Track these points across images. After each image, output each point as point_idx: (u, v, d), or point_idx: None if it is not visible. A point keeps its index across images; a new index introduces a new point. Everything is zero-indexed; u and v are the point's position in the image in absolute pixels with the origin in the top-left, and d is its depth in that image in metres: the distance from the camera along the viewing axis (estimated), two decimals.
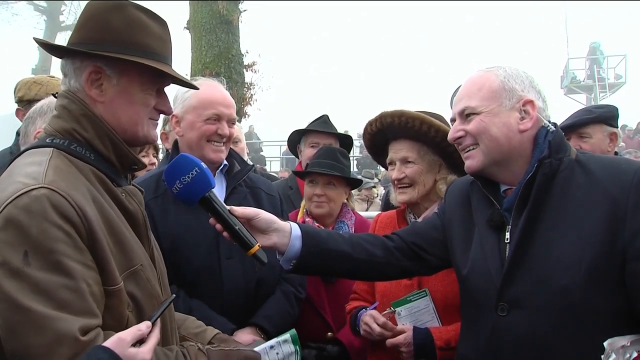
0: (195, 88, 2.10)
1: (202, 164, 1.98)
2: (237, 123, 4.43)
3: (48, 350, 1.43)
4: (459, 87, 2.22)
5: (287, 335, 2.26)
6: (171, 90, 2.90)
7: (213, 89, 2.85)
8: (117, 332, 1.59)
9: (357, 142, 18.52)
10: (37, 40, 1.86)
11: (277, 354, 2.19)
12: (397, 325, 2.60)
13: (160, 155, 4.89)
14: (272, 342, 2.23)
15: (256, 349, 2.10)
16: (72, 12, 32.61)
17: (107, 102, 1.78)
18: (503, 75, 2.05)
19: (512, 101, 2.02)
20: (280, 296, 2.90)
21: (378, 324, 2.56)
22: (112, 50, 1.74)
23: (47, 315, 1.44)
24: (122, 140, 1.80)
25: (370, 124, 2.81)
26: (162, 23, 1.90)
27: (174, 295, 1.91)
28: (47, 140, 1.73)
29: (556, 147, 1.97)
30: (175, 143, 2.98)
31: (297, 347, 2.28)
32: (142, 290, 1.75)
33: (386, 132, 2.78)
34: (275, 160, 25.45)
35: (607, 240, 1.80)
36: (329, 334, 3.25)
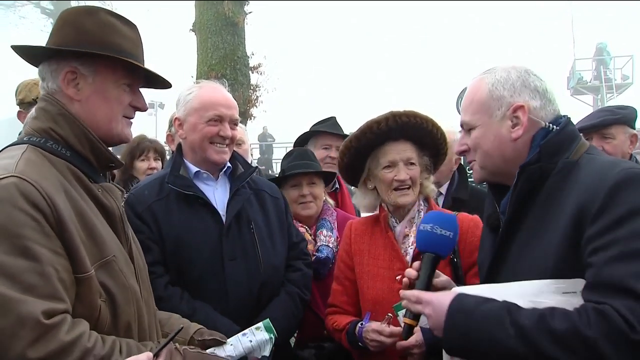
0: (169, 85, 2.16)
1: (457, 237, 2.08)
2: (241, 125, 4.46)
3: (11, 333, 1.48)
4: (465, 89, 2.21)
5: (259, 324, 2.31)
6: (173, 93, 2.93)
7: (214, 91, 2.87)
8: (89, 320, 1.67)
9: None
10: (14, 48, 1.93)
11: (250, 341, 2.25)
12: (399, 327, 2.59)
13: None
14: (245, 330, 2.28)
15: (229, 339, 2.18)
16: None
17: (84, 100, 1.89)
18: (491, 83, 1.99)
19: (502, 110, 1.95)
20: (285, 297, 2.90)
21: (386, 336, 2.54)
22: (87, 49, 1.85)
23: (12, 298, 1.49)
24: (98, 138, 1.88)
25: (377, 122, 2.69)
26: (133, 27, 2.04)
27: (182, 326, 1.96)
28: (24, 139, 1.83)
29: (551, 149, 1.87)
30: (179, 146, 2.98)
31: (272, 335, 2.31)
32: (115, 281, 1.80)
33: (390, 132, 2.72)
34: (280, 162, 25.41)
35: (570, 247, 1.69)
36: (326, 331, 3.26)
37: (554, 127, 1.92)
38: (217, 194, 2.88)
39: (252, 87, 13.24)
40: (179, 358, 1.88)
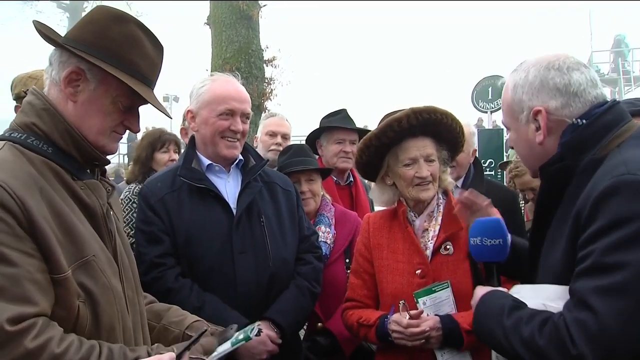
0: (169, 117, 2.15)
1: (508, 237, 2.19)
2: (287, 119, 4.58)
3: None
4: (479, 82, 2.21)
5: (242, 343, 2.05)
6: (188, 87, 2.94)
7: (227, 84, 2.87)
8: (67, 321, 1.64)
9: None
10: (36, 25, 1.89)
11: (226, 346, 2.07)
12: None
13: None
14: (226, 347, 2.07)
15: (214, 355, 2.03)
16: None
17: (79, 103, 1.84)
18: (512, 85, 1.95)
19: (525, 114, 1.91)
20: (295, 291, 2.90)
21: (404, 326, 2.53)
22: (101, 57, 1.81)
23: None
24: (84, 137, 1.84)
25: (398, 120, 2.64)
26: (159, 47, 1.99)
27: (205, 329, 1.92)
28: (6, 135, 1.79)
29: (574, 147, 1.79)
30: (192, 138, 3.00)
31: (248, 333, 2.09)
32: (95, 281, 1.75)
33: (410, 129, 2.69)
34: None
35: (571, 254, 1.67)
36: (319, 324, 3.31)
37: (583, 121, 1.80)
38: (229, 187, 2.89)
39: (266, 80, 13.26)
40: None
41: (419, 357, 2.64)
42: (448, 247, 2.72)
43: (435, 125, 2.71)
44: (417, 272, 2.70)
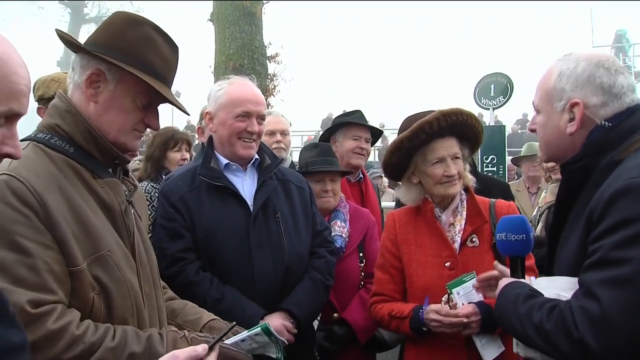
0: (187, 113, 2.26)
1: (532, 233, 2.30)
2: (284, 116, 4.68)
3: None
4: (481, 80, 2.30)
5: (258, 329, 2.11)
6: (190, 82, 3.06)
7: (244, 87, 2.99)
8: (82, 312, 1.73)
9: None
10: (58, 33, 2.00)
11: (250, 344, 2.15)
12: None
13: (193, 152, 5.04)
14: (243, 335, 2.11)
15: (226, 341, 2.03)
16: (95, 5, 33.24)
17: (100, 103, 1.93)
18: (558, 73, 1.99)
19: (562, 103, 1.97)
20: (309, 283, 3.03)
21: (443, 315, 2.67)
22: (118, 57, 1.90)
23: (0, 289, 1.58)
24: (104, 137, 1.93)
25: (429, 123, 2.76)
26: (174, 47, 2.08)
27: (234, 323, 2.03)
28: (32, 135, 1.89)
29: (596, 148, 1.88)
30: (210, 139, 3.13)
31: (273, 338, 2.18)
32: (109, 275, 1.82)
33: (441, 131, 2.82)
34: (295, 150, 25.44)
35: (582, 249, 1.78)
36: (335, 314, 3.44)
37: (608, 124, 1.89)
38: (246, 185, 3.01)
39: (269, 77, 13.33)
40: (185, 344, 1.87)
41: (452, 344, 2.77)
42: (474, 239, 2.89)
43: (460, 126, 2.85)
44: (446, 264, 2.84)
